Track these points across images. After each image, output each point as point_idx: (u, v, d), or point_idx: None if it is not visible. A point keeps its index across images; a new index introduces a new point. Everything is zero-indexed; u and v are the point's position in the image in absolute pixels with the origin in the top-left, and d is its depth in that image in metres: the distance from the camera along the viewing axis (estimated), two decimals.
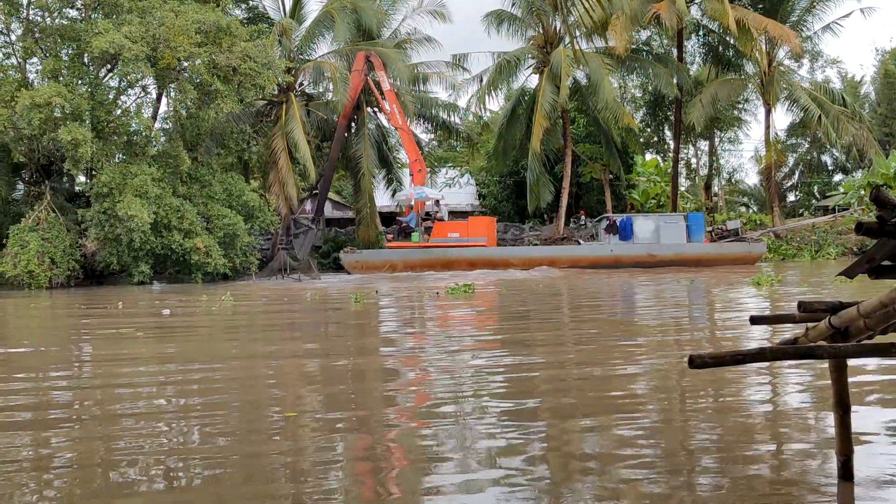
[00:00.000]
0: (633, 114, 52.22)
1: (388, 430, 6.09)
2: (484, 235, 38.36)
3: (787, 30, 41.70)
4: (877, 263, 3.78)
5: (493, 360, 9.52)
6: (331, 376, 9.00)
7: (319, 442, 5.76)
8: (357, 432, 6.03)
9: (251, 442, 5.80)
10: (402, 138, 42.25)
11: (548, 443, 5.55)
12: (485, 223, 39.74)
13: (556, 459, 5.11)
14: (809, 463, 4.78)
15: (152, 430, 6.19)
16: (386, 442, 5.72)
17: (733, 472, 4.62)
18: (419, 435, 5.85)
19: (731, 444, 5.24)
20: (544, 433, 5.81)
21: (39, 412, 7.16)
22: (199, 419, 6.61)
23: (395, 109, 40.80)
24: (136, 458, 5.33)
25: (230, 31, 33.89)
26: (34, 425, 6.62)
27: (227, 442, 5.82)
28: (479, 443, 5.46)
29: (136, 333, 13.88)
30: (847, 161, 55.03)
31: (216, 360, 10.29)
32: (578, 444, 5.46)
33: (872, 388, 6.93)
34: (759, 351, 3.82)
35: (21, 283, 31.12)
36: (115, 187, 31.69)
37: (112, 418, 6.72)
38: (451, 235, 38.61)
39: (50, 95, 30.15)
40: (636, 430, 5.73)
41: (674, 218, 39.28)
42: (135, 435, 6.02)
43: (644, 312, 16.27)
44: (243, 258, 36.37)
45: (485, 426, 5.97)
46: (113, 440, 5.90)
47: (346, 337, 13.28)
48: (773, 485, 4.40)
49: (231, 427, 6.30)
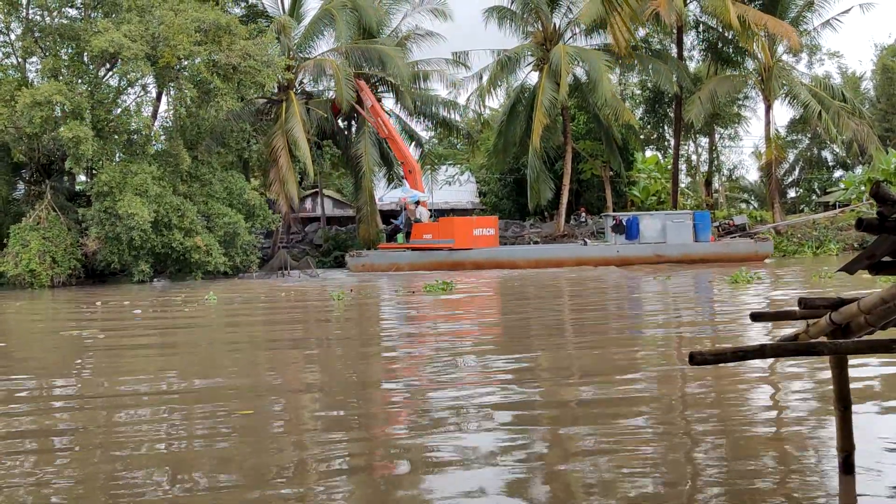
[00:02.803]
0: (632, 110, 52.14)
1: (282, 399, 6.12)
2: (451, 237, 37.95)
3: (786, 25, 41.62)
4: (877, 259, 3.79)
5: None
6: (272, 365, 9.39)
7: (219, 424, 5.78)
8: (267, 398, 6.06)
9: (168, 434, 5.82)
10: (391, 146, 42.46)
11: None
12: (454, 224, 39.21)
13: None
14: (811, 458, 4.79)
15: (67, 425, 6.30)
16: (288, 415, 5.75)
17: (735, 466, 4.62)
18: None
19: (732, 439, 5.25)
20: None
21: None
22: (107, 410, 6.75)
23: (381, 121, 41.38)
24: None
25: (230, 30, 33.88)
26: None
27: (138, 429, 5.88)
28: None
29: (99, 335, 13.95)
30: (847, 157, 54.95)
31: (157, 355, 10.99)
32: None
33: (873, 383, 6.94)
34: (759, 347, 3.83)
35: (23, 282, 31.13)
36: (116, 186, 31.69)
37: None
38: (425, 237, 38.50)
39: (51, 94, 30.15)
40: (635, 428, 5.74)
41: (681, 217, 39.00)
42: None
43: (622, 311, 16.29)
44: (244, 257, 36.39)
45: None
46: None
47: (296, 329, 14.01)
48: (774, 479, 4.41)
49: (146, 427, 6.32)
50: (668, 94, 48.10)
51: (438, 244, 37.62)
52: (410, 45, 47.58)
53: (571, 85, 44.27)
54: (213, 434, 5.99)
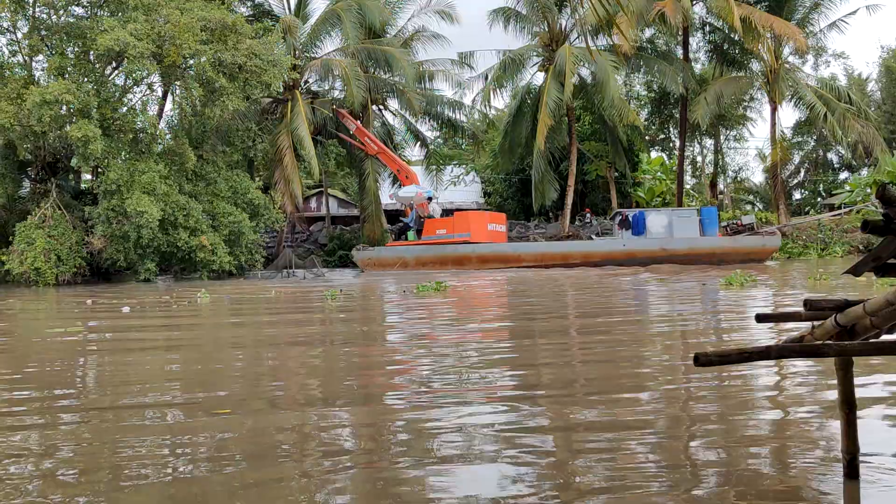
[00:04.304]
0: (638, 111, 52.15)
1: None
2: (467, 230, 38.16)
3: (792, 27, 41.62)
4: (883, 261, 3.78)
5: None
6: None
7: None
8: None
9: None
10: (382, 159, 42.67)
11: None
12: (471, 218, 39.51)
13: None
14: (815, 461, 4.78)
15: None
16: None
17: (737, 466, 4.62)
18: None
19: (734, 438, 5.25)
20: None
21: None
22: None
23: (367, 141, 42.02)
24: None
25: (235, 29, 33.96)
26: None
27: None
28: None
29: (80, 331, 13.99)
30: (853, 159, 54.84)
31: (134, 352, 11.03)
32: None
33: (878, 385, 6.93)
34: (765, 349, 3.83)
35: (28, 280, 31.24)
36: (124, 184, 31.79)
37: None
38: (438, 232, 38.65)
39: (60, 92, 30.26)
40: (635, 422, 5.73)
41: (687, 212, 39.14)
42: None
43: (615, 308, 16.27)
44: (248, 256, 36.48)
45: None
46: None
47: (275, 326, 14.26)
48: (777, 482, 4.41)
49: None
50: (674, 95, 48.11)
51: (454, 238, 37.75)
52: (416, 46, 47.65)
53: (577, 86, 44.28)
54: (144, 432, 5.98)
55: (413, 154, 52.48)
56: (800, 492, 4.25)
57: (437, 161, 52.26)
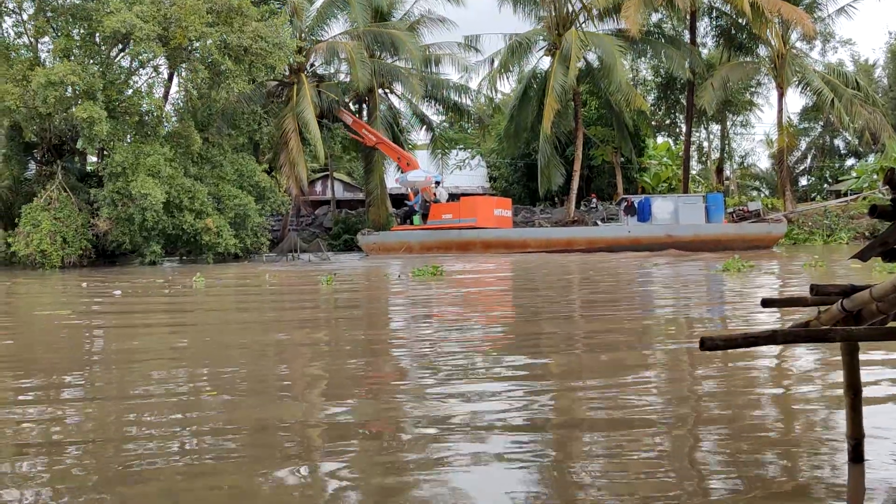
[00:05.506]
0: (644, 96, 51.95)
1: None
2: (473, 216, 38.16)
3: (800, 12, 41.37)
4: (890, 246, 3.78)
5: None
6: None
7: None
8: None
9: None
10: (383, 150, 42.68)
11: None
12: (477, 203, 39.54)
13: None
14: (819, 446, 4.79)
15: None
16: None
17: (741, 451, 4.63)
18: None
19: (738, 423, 5.26)
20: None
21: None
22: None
23: (365, 133, 42.10)
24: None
25: (241, 11, 33.86)
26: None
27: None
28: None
29: (70, 315, 14.01)
30: (860, 145, 54.58)
31: (125, 338, 11.01)
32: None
33: (884, 369, 6.93)
34: (771, 333, 3.82)
35: (34, 262, 31.31)
36: (129, 167, 31.81)
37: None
38: (444, 217, 38.67)
39: (65, 73, 30.24)
40: (640, 412, 5.74)
41: (693, 199, 39.06)
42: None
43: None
44: (254, 239, 36.51)
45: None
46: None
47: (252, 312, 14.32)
48: (780, 467, 4.42)
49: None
50: (681, 80, 47.89)
51: (460, 223, 37.77)
52: (422, 30, 47.51)
53: (584, 70, 44.11)
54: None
55: (419, 138, 52.45)
56: (804, 477, 4.27)
57: (443, 145, 52.18)
